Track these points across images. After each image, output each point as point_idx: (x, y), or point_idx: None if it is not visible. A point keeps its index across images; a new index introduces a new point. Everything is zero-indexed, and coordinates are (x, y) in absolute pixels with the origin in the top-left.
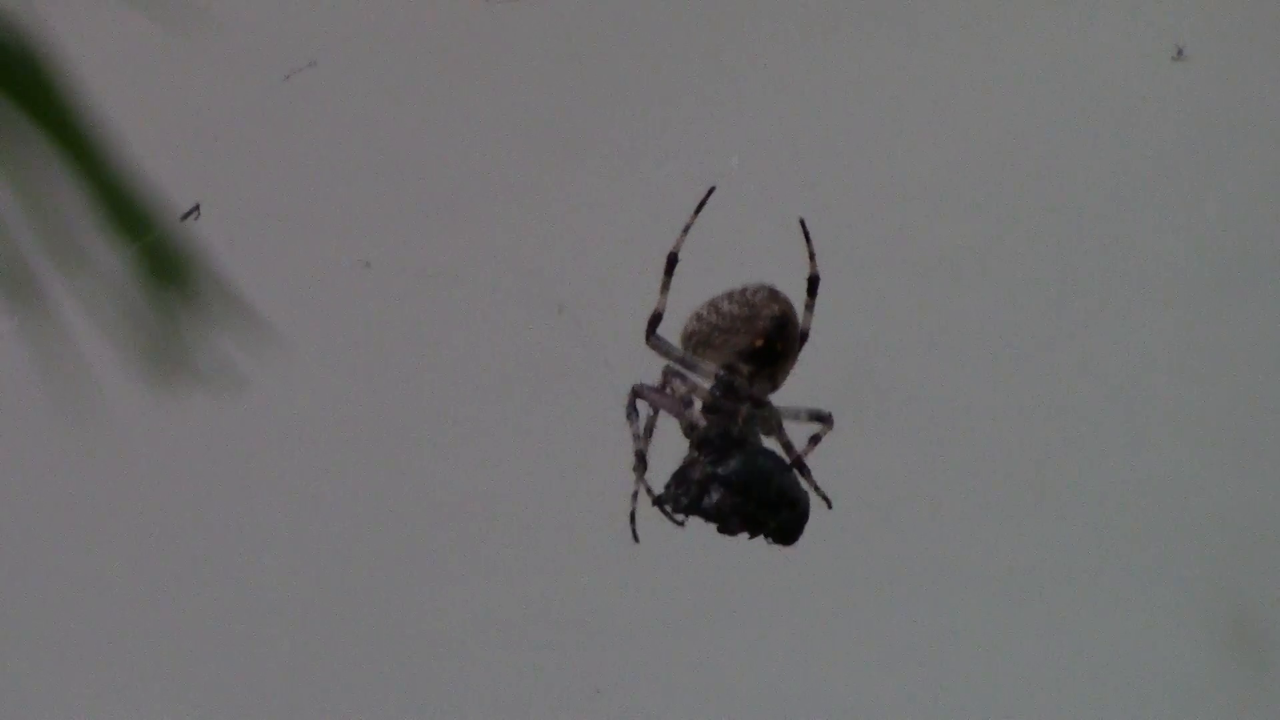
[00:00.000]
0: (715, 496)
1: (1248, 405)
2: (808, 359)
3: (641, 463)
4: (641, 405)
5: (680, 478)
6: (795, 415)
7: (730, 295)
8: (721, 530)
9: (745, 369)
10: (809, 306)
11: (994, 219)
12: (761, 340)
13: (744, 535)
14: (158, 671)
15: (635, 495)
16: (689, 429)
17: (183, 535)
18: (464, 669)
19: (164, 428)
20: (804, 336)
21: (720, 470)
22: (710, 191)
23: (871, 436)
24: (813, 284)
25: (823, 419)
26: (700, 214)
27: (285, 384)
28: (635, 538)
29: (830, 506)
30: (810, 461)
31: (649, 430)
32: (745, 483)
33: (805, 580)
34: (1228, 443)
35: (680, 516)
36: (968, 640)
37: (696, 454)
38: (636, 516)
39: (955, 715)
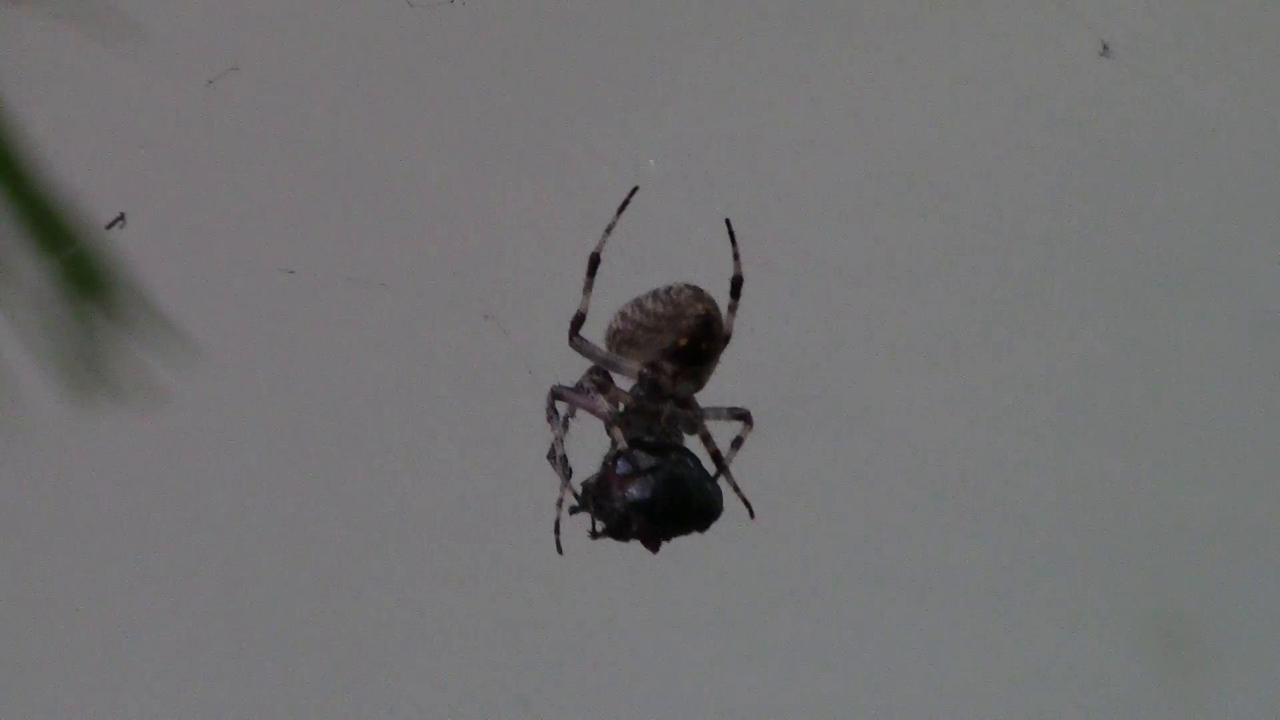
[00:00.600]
0: (635, 528)
1: (1190, 411)
2: (738, 362)
3: (564, 468)
4: (562, 407)
5: (599, 491)
6: (716, 414)
7: (655, 294)
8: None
9: (669, 368)
10: (732, 308)
11: (920, 218)
12: (686, 339)
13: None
14: (75, 683)
15: (560, 503)
16: (610, 429)
17: (104, 547)
18: (387, 676)
19: (84, 439)
20: (726, 338)
21: (638, 497)
22: (633, 192)
23: (803, 443)
24: (736, 285)
25: (742, 417)
26: (623, 215)
27: (209, 392)
28: (559, 549)
29: (752, 515)
30: (736, 466)
31: (564, 424)
32: (664, 510)
33: (738, 587)
34: (1169, 448)
35: (599, 529)
36: (901, 644)
37: (614, 461)
38: (561, 526)
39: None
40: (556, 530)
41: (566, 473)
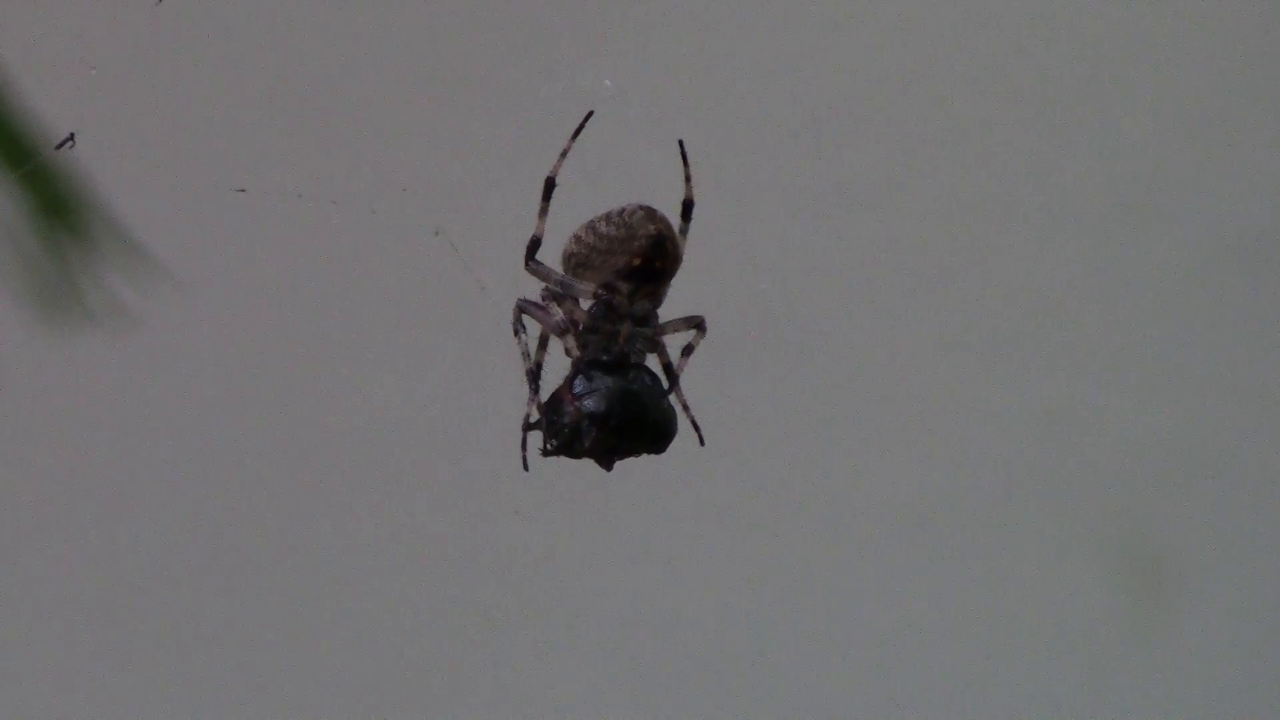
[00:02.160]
0: (588, 443)
1: (1154, 336)
2: (690, 286)
3: (533, 381)
4: (529, 321)
5: (551, 407)
6: (674, 328)
7: (608, 217)
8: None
9: (625, 287)
10: (683, 231)
11: (878, 142)
12: (639, 259)
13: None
14: (51, 621)
15: (526, 419)
16: (564, 338)
17: (75, 476)
18: (348, 596)
19: (52, 362)
20: (678, 259)
21: (592, 410)
22: (588, 116)
23: (767, 368)
24: (687, 207)
25: (697, 325)
26: (578, 138)
27: (165, 314)
28: (525, 466)
29: (702, 442)
30: (693, 398)
31: (543, 343)
32: (618, 424)
33: (697, 515)
34: (1133, 374)
35: (551, 444)
36: (858, 576)
37: (571, 382)
38: (527, 442)
39: (853, 653)
40: (523, 446)
41: (535, 388)
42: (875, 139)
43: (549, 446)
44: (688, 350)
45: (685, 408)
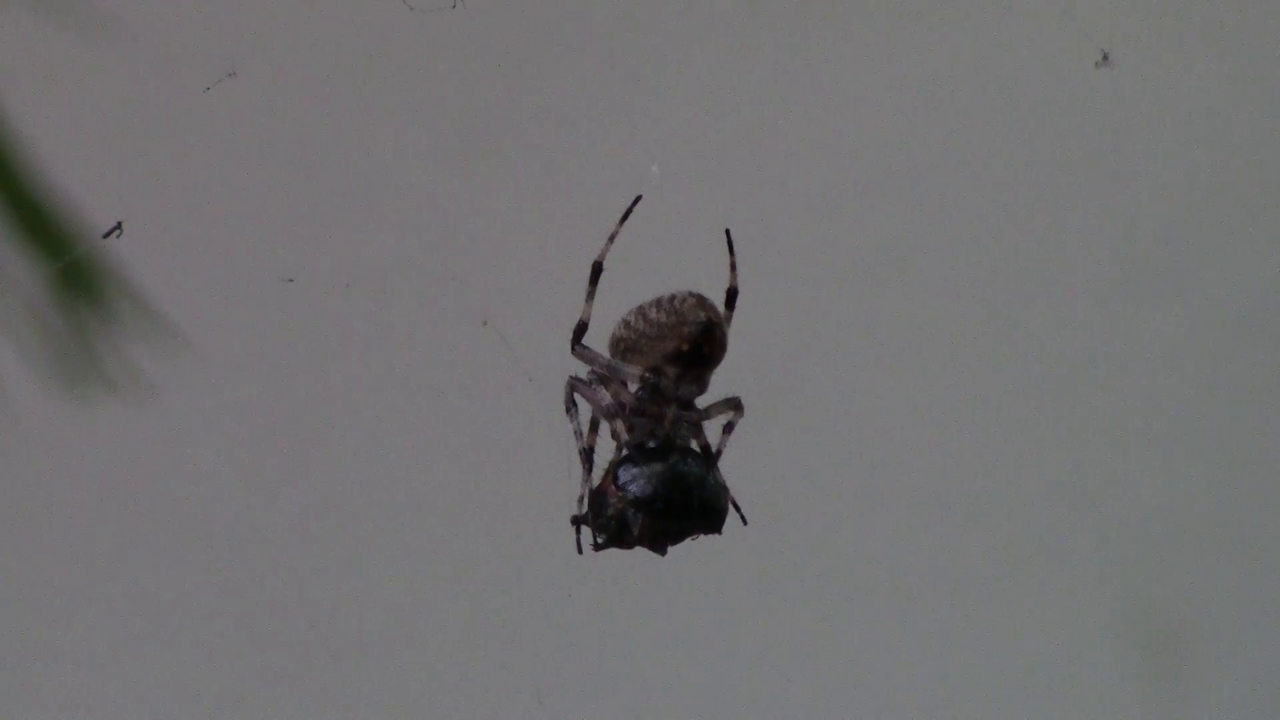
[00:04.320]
0: (635, 530)
1: (1172, 407)
2: (727, 359)
3: (586, 462)
4: (581, 400)
5: (597, 504)
6: (716, 411)
7: (658, 303)
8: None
9: (671, 371)
10: (726, 319)
11: (918, 223)
12: (689, 345)
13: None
14: (72, 678)
15: (581, 498)
16: (611, 422)
17: (93, 543)
18: (388, 678)
19: (75, 438)
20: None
21: (636, 496)
22: (636, 200)
23: (791, 439)
24: (731, 296)
25: (734, 406)
26: (625, 222)
27: (209, 399)
28: (580, 549)
29: (745, 523)
30: (738, 466)
31: (593, 426)
32: (663, 507)
33: (729, 585)
34: (1151, 445)
35: (599, 539)
36: (885, 641)
37: (614, 469)
38: (580, 528)
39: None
40: (577, 530)
41: (588, 466)
42: (895, 213)
43: (598, 541)
44: (728, 428)
45: (724, 488)
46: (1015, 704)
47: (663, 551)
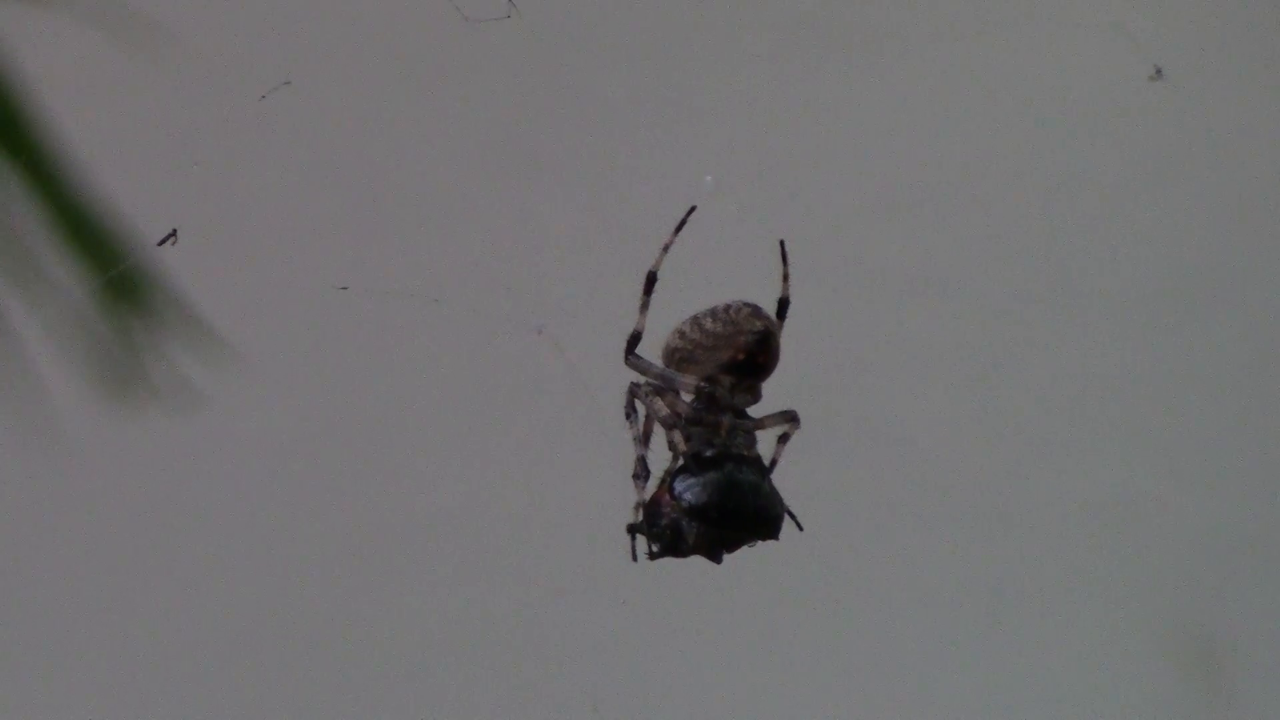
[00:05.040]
0: (690, 539)
1: (1212, 425)
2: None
3: (642, 467)
4: (640, 406)
5: (652, 514)
6: (771, 422)
7: (713, 313)
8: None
9: (726, 380)
10: (778, 329)
11: (968, 237)
12: (744, 354)
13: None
14: (117, 690)
15: (637, 506)
16: (670, 433)
17: (140, 550)
18: (444, 688)
19: (125, 446)
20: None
21: (690, 504)
22: (691, 211)
23: (835, 454)
24: (783, 306)
25: (790, 419)
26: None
27: (262, 407)
28: (634, 556)
29: (801, 529)
30: (780, 480)
31: (646, 438)
32: (717, 515)
33: (776, 597)
34: (1190, 463)
35: (654, 549)
36: (924, 661)
37: (670, 479)
38: (635, 536)
39: None
40: (632, 537)
41: (645, 473)
42: (945, 226)
43: (653, 550)
44: (783, 438)
45: (786, 509)
46: None
47: (718, 559)
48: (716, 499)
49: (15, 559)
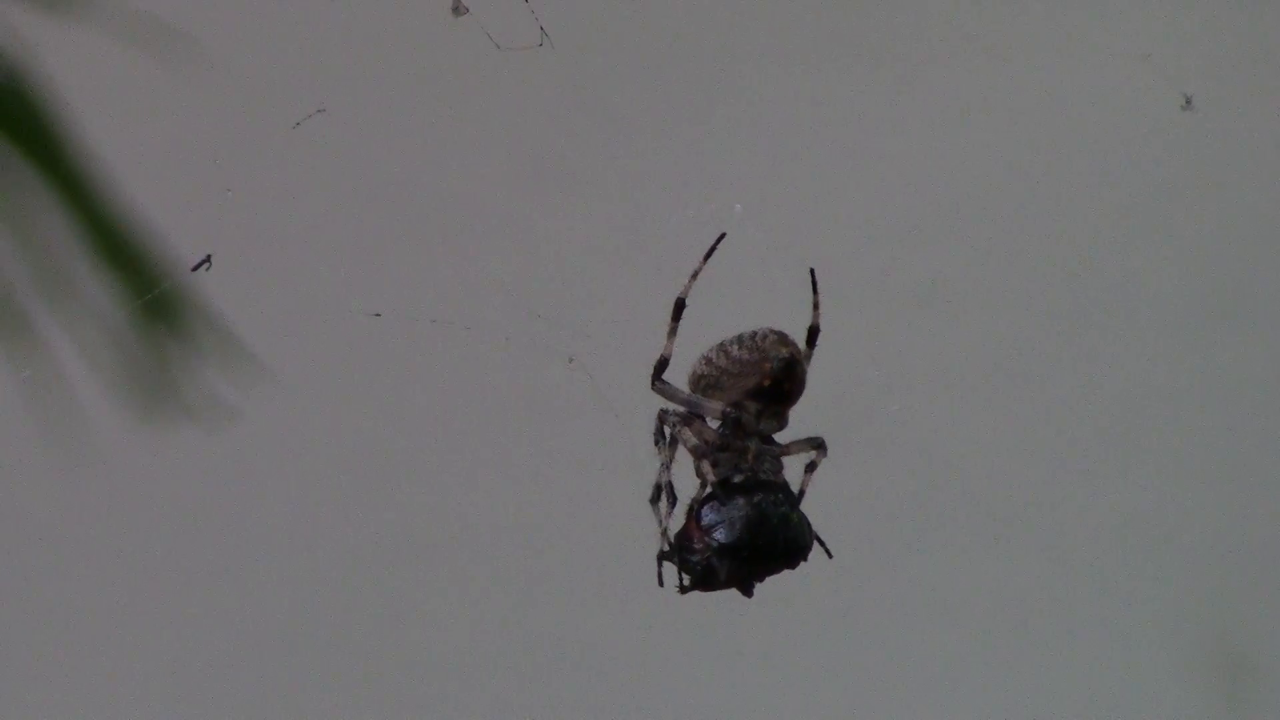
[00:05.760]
0: (723, 576)
1: (1235, 439)
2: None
3: (669, 494)
4: (668, 433)
5: (683, 547)
6: (797, 448)
7: (739, 340)
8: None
9: (752, 407)
10: (807, 357)
11: (997, 259)
12: (769, 380)
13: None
14: (147, 701)
15: (664, 532)
16: (698, 463)
17: (171, 566)
18: (461, 707)
19: (156, 463)
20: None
21: (722, 543)
22: (720, 238)
23: (861, 470)
24: (813, 334)
25: (817, 445)
26: (709, 260)
27: (293, 431)
28: (660, 581)
29: (830, 556)
30: (808, 504)
31: (668, 465)
32: (750, 554)
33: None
34: (1214, 477)
35: (685, 582)
36: (948, 672)
37: (698, 508)
38: (662, 564)
39: None
40: (659, 561)
41: (671, 501)
42: (976, 251)
43: (684, 583)
44: (811, 467)
45: (815, 536)
46: None
47: (750, 593)
48: (748, 537)
49: (51, 571)
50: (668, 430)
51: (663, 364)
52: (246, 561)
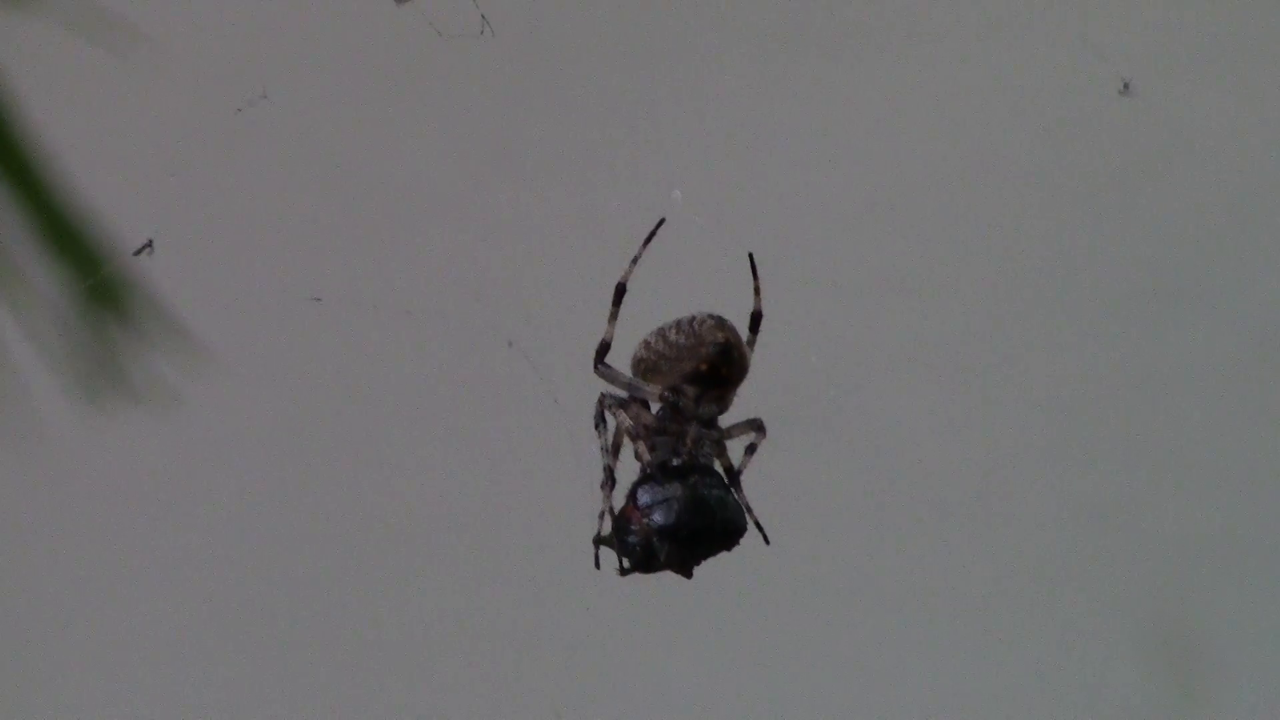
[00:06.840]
0: (662, 558)
1: (1195, 427)
2: (753, 381)
3: (609, 478)
4: (609, 417)
5: (621, 529)
6: (738, 431)
7: (678, 325)
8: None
9: (691, 391)
10: (750, 343)
11: (939, 244)
12: (706, 365)
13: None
14: (94, 682)
15: (602, 515)
16: (635, 443)
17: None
18: (407, 689)
19: (100, 446)
20: (745, 369)
21: (661, 525)
22: (660, 223)
23: (811, 457)
24: (756, 319)
25: (756, 427)
26: (649, 245)
27: (235, 414)
28: (597, 564)
29: (768, 542)
30: (748, 486)
31: (615, 450)
32: (688, 535)
33: (751, 598)
34: (1174, 464)
35: (624, 564)
36: (900, 657)
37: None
38: (599, 545)
39: None
40: (596, 544)
41: (611, 484)
42: (917, 234)
43: (624, 566)
44: (750, 449)
45: (748, 509)
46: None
47: (689, 574)
48: (685, 518)
49: None
50: (608, 415)
51: (604, 348)
52: (191, 543)
